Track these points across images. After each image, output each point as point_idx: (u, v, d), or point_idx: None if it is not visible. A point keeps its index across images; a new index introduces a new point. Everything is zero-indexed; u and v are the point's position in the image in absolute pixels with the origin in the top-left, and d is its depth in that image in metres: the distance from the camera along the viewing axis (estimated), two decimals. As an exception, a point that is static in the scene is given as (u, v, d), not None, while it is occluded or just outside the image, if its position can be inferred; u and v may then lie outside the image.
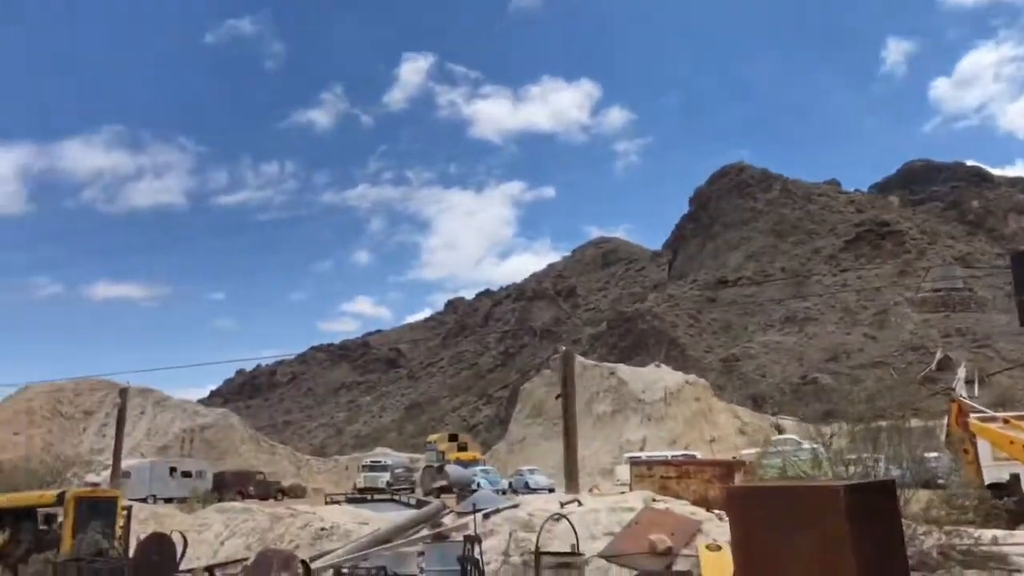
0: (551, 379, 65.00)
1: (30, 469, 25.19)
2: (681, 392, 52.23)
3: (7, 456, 47.56)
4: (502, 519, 14.29)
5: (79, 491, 14.43)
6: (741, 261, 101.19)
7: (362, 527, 19.29)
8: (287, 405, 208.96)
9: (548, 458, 59.10)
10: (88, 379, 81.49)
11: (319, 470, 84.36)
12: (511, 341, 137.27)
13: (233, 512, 21.09)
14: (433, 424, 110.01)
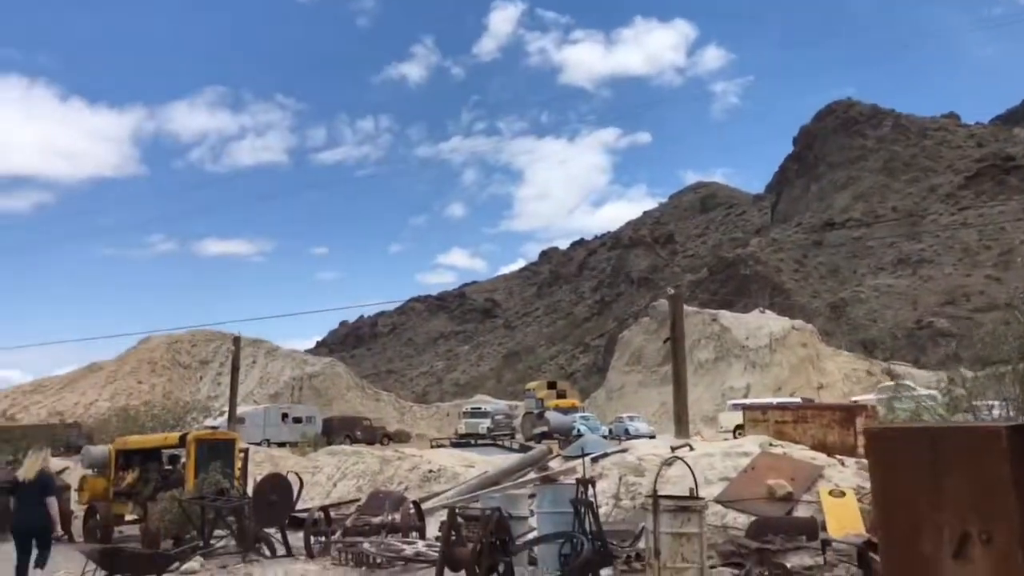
0: (649, 327, 64.18)
1: (154, 414, 26.57)
2: (787, 338, 50.64)
3: (132, 403, 50.61)
4: (611, 463, 14.05)
5: (200, 433, 15.00)
6: (849, 202, 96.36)
7: (468, 470, 19.43)
8: (389, 354, 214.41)
9: (647, 406, 58.71)
10: (203, 330, 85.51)
11: (421, 416, 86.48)
12: (607, 290, 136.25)
13: (344, 455, 21.67)
14: (531, 372, 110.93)
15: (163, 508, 12.80)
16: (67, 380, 76.88)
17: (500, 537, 8.32)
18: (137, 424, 25.06)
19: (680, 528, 8.61)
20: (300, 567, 11.65)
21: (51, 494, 10.18)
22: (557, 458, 16.15)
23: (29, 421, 49.13)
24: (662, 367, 60.71)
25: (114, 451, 16.67)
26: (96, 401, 67.31)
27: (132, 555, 9.33)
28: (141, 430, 24.50)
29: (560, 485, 11.08)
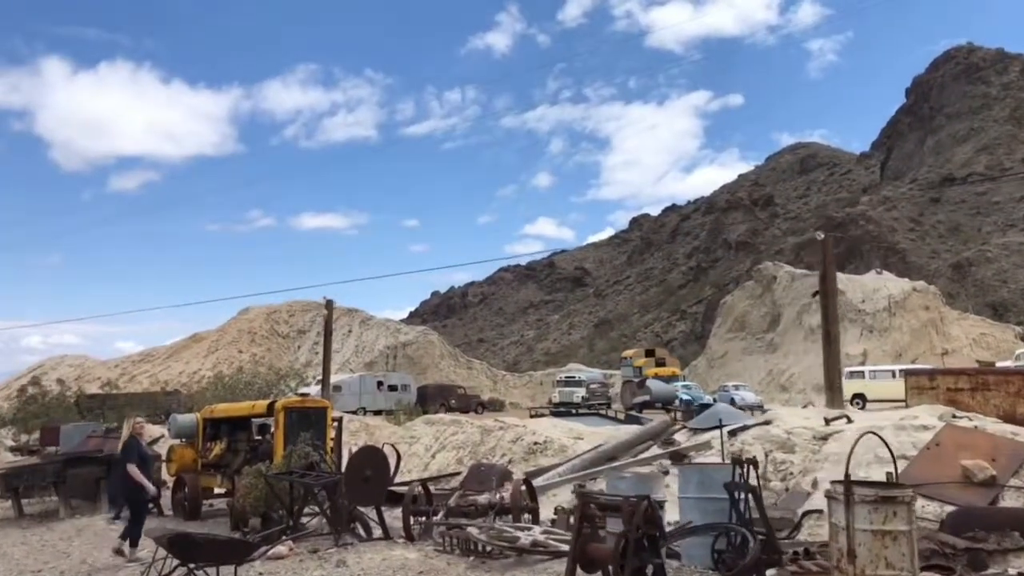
0: (754, 291, 60.93)
1: (247, 381, 26.00)
2: (907, 301, 46.81)
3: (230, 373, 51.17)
4: (752, 438, 12.06)
5: (289, 401, 13.75)
6: (971, 155, 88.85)
7: (576, 442, 17.75)
8: (479, 324, 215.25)
9: (752, 374, 55.77)
10: (300, 300, 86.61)
11: (514, 385, 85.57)
12: (703, 255, 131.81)
13: (442, 425, 20.33)
14: (625, 340, 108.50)
15: (248, 484, 11.52)
16: (172, 350, 79.13)
17: (649, 531, 6.51)
18: (231, 392, 24.35)
19: (883, 525, 6.62)
20: (399, 553, 10.16)
21: (130, 461, 10.67)
22: (682, 431, 14.22)
23: (134, 390, 50.16)
24: (768, 333, 57.56)
25: (201, 420, 15.65)
26: (199, 370, 68.81)
27: (207, 542, 7.95)
28: (235, 398, 23.84)
29: (710, 466, 9.18)
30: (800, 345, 51.23)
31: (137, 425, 11.73)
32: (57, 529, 15.04)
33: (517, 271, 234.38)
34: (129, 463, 10.97)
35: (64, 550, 12.69)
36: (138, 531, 11.01)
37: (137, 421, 11.97)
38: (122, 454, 11.19)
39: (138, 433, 11.59)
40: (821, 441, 11.08)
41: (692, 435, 13.43)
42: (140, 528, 11.02)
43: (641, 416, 29.13)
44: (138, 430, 11.66)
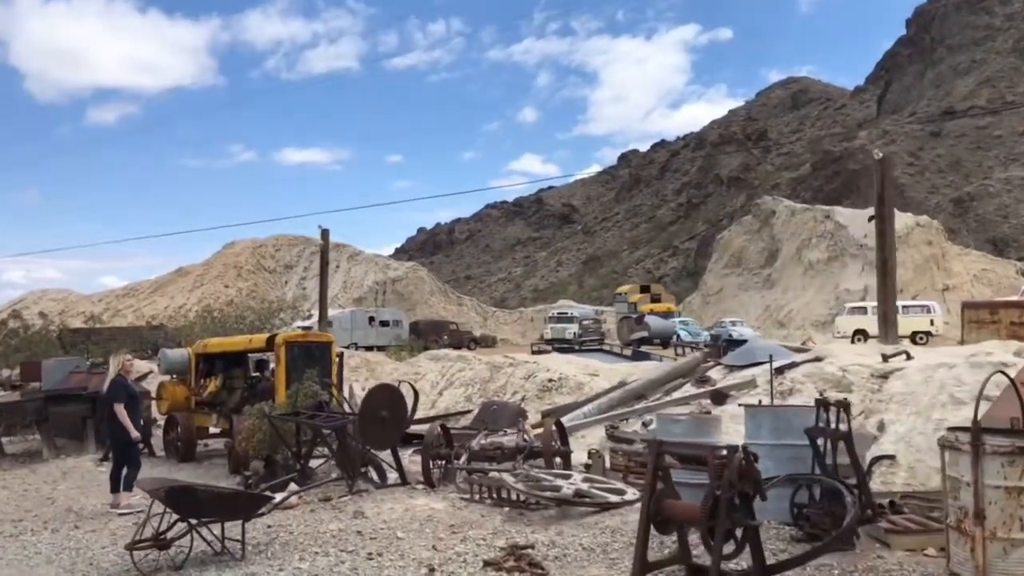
0: (751, 226, 59.85)
1: (238, 315, 24.77)
2: (910, 236, 45.82)
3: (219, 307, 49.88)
4: (803, 376, 11.05)
5: (291, 334, 12.61)
6: (972, 88, 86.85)
7: (592, 379, 16.77)
8: (467, 261, 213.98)
9: (748, 310, 55.04)
10: (286, 234, 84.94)
11: (504, 322, 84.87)
12: (694, 191, 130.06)
13: (448, 361, 19.29)
14: (615, 277, 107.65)
15: (251, 426, 10.42)
16: (156, 285, 77.64)
17: (743, 489, 5.45)
18: (221, 326, 23.15)
19: (1020, 480, 5.58)
20: (422, 502, 9.15)
21: (118, 401, 9.86)
22: (715, 368, 13.20)
23: (119, 325, 48.82)
24: (764, 269, 56.69)
25: (194, 355, 14.49)
26: (184, 305, 67.51)
27: (210, 496, 6.86)
28: (226, 332, 22.70)
29: (786, 409, 8.12)
30: (799, 280, 50.45)
31: (127, 363, 10.70)
32: (40, 471, 13.97)
33: (504, 208, 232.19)
34: (116, 403, 9.92)
35: (48, 495, 11.63)
36: (132, 475, 10.03)
37: (127, 359, 10.94)
38: (109, 393, 10.18)
39: (127, 372, 10.51)
40: (881, 379, 10.10)
41: (728, 372, 12.43)
42: (134, 472, 10.01)
43: (650, 352, 28.27)
44: (127, 368, 10.61)
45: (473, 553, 7.07)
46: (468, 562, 6.82)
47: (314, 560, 7.07)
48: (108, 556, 7.77)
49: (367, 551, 7.29)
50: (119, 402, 9.99)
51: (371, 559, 7.05)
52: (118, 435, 10.12)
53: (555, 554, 6.87)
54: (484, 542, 7.41)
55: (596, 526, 7.52)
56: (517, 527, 7.86)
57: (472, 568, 6.65)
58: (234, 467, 12.20)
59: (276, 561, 7.12)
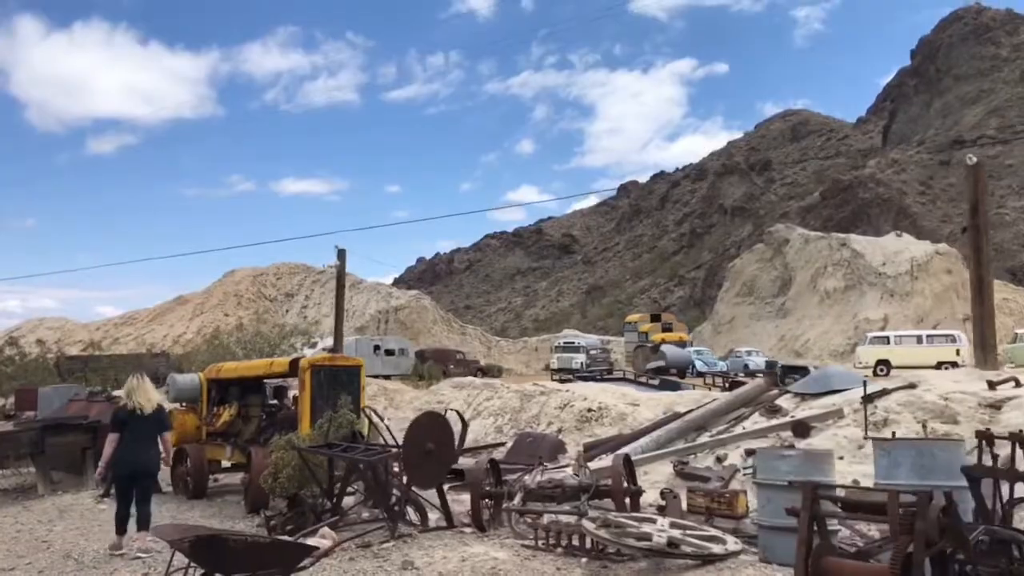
0: (763, 254, 58.88)
1: (246, 341, 23.51)
2: (930, 264, 44.87)
3: (205, 340, 48.55)
4: (898, 405, 9.82)
5: (317, 358, 11.38)
6: (981, 117, 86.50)
7: (634, 409, 15.52)
8: (466, 291, 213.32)
9: (761, 339, 53.89)
10: (287, 263, 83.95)
11: (508, 351, 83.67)
12: (698, 221, 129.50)
13: (473, 389, 18.03)
14: (620, 307, 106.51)
15: (278, 460, 9.16)
16: (155, 313, 76.36)
17: (952, 544, 4.24)
18: (228, 353, 21.88)
19: None
20: (479, 551, 7.88)
21: (169, 428, 9.08)
22: (783, 396, 11.98)
23: (118, 352, 47.42)
24: (778, 298, 55.64)
25: (205, 381, 13.24)
26: (184, 334, 66.23)
27: (244, 547, 5.61)
28: (234, 359, 21.47)
29: (931, 443, 6.88)
30: (815, 310, 49.35)
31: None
32: (35, 509, 12.65)
33: (503, 238, 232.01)
34: (167, 432, 9.00)
35: (43, 537, 10.33)
36: (149, 511, 8.90)
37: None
38: (158, 420, 8.91)
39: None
40: (991, 409, 8.93)
41: (800, 401, 11.22)
42: (150, 508, 8.90)
43: (678, 380, 27.03)
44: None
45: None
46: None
47: (368, 626, 5.82)
48: (116, 617, 6.51)
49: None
50: (167, 430, 9.08)
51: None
52: (157, 465, 9.00)
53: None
54: (571, 603, 6.17)
55: (701, 583, 6.28)
56: (604, 583, 6.61)
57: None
58: (252, 506, 10.93)
59: (323, 627, 5.88)
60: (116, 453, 8.60)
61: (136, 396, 8.64)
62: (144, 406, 8.56)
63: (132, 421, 8.54)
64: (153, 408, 8.65)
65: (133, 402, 8.60)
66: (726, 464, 9.67)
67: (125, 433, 8.58)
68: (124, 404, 8.82)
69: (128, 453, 8.53)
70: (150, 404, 8.62)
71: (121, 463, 8.63)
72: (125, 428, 8.58)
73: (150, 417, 8.60)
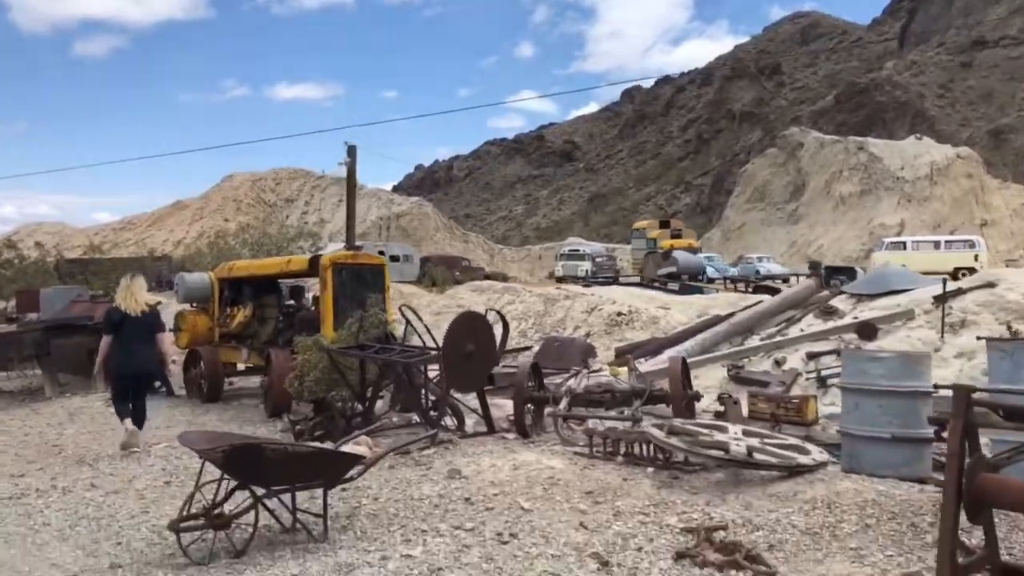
0: (776, 159, 57.47)
1: (252, 242, 22.60)
2: (950, 168, 43.63)
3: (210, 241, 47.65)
4: (976, 305, 9.07)
5: (338, 255, 10.53)
6: (1004, 17, 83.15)
7: (666, 312, 14.83)
8: (466, 199, 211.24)
9: (772, 245, 53.03)
10: (286, 168, 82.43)
11: (512, 259, 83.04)
12: (704, 126, 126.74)
13: (493, 292, 17.31)
14: (624, 215, 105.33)
15: (304, 362, 8.46)
16: (154, 218, 75.33)
17: None
18: (234, 254, 21.05)
19: None
20: (530, 458, 7.23)
21: (163, 329, 9.01)
22: (838, 298, 11.22)
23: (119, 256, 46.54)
24: (790, 203, 54.53)
25: (217, 280, 12.46)
26: (184, 239, 65.39)
27: (284, 458, 4.92)
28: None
29: None
30: (828, 216, 48.39)
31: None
32: (44, 412, 12.09)
33: (503, 145, 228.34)
34: (162, 332, 9.01)
35: (54, 442, 9.75)
36: (144, 409, 9.02)
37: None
38: (152, 321, 8.97)
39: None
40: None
41: (857, 303, 10.48)
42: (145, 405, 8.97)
43: (700, 285, 26.35)
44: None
45: (644, 535, 5.18)
46: (646, 550, 4.93)
47: (426, 544, 5.16)
48: (140, 531, 5.86)
49: (493, 529, 5.38)
50: (162, 330, 9.05)
51: (504, 543, 5.14)
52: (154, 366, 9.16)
53: (764, 539, 4.98)
54: (648, 518, 5.51)
55: (795, 498, 5.61)
56: (679, 496, 5.96)
57: (659, 559, 4.76)
58: (273, 410, 10.33)
59: (372, 544, 5.22)
60: (111, 355, 8.61)
61: (124, 298, 8.59)
62: (133, 308, 8.48)
63: (125, 322, 8.47)
64: (142, 310, 8.56)
65: (125, 303, 8.56)
66: (786, 368, 8.98)
67: (119, 335, 8.51)
68: (117, 305, 8.73)
69: (123, 355, 8.51)
70: (138, 306, 8.52)
71: (116, 365, 8.63)
72: (119, 330, 8.51)
73: (142, 318, 8.54)
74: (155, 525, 5.97)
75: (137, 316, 8.51)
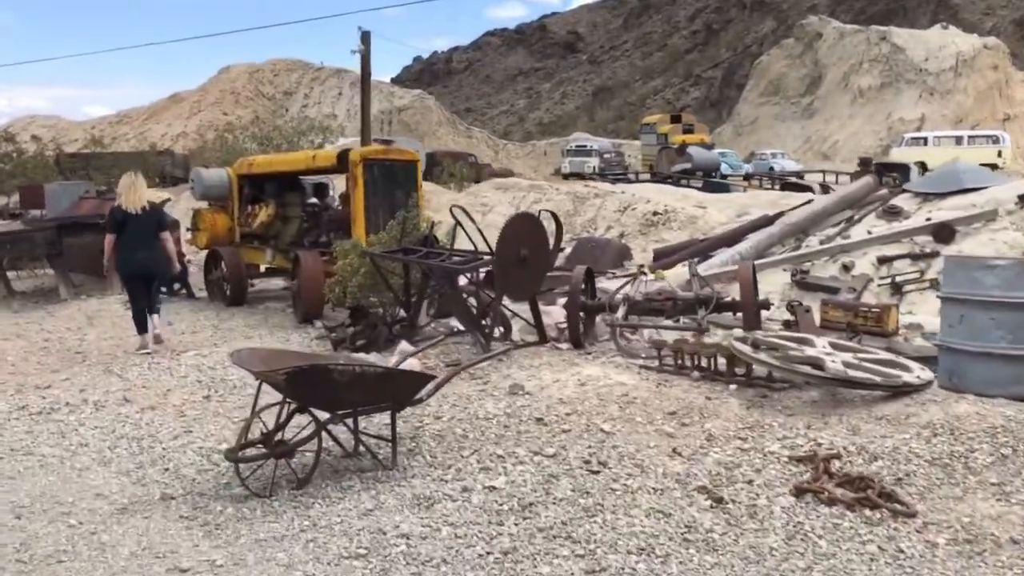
0: (792, 50, 55.35)
1: (262, 136, 21.62)
2: (976, 59, 41.89)
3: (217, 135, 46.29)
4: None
5: (369, 151, 9.74)
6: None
7: (703, 212, 14.17)
8: (466, 92, 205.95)
9: (785, 141, 51.68)
10: (284, 59, 79.80)
11: (516, 155, 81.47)
12: (713, 16, 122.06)
13: (519, 190, 16.53)
14: (631, 109, 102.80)
15: (344, 266, 7.86)
16: (150, 112, 73.19)
17: None
18: (243, 149, 20.15)
19: None
20: (594, 372, 6.73)
21: (166, 228, 8.81)
22: (901, 196, 10.53)
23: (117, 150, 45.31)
24: (805, 97, 52.82)
25: (236, 177, 11.73)
26: (182, 132, 63.74)
27: (352, 380, 4.39)
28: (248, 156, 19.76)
29: None
30: (845, 109, 46.89)
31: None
32: (60, 315, 11.60)
33: (505, 36, 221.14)
34: (165, 231, 8.77)
35: (76, 348, 9.27)
36: (159, 302, 9.14)
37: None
38: (157, 220, 8.82)
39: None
40: None
41: (923, 201, 9.81)
42: (138, 310, 8.68)
43: (725, 182, 25.54)
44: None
45: (749, 464, 4.70)
46: (757, 483, 4.45)
47: (508, 473, 4.69)
48: (187, 454, 5.39)
49: (577, 456, 4.90)
50: (165, 230, 8.83)
51: (595, 472, 4.67)
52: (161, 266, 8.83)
53: (888, 471, 4.49)
54: (746, 444, 5.03)
55: (908, 422, 5.11)
56: (774, 418, 5.47)
57: (777, 495, 4.29)
58: (304, 316, 9.80)
59: (447, 471, 4.75)
60: (117, 254, 8.46)
61: (127, 196, 8.41)
62: (135, 206, 8.32)
63: (128, 222, 8.30)
64: (143, 207, 8.41)
65: (128, 202, 8.39)
66: (855, 274, 8.40)
67: (124, 234, 8.35)
68: (119, 204, 8.52)
69: (128, 253, 8.38)
70: (137, 205, 8.35)
71: (122, 264, 8.52)
72: (123, 229, 8.35)
73: (144, 217, 8.36)
74: (202, 447, 5.51)
75: (139, 215, 8.32)
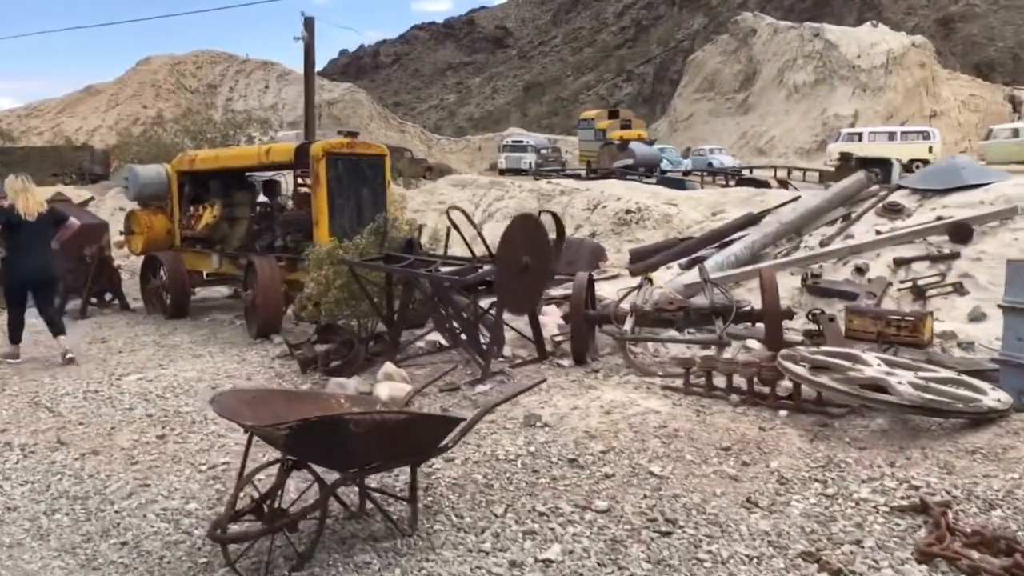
0: (727, 46, 55.73)
1: (195, 130, 20.08)
2: (905, 57, 42.76)
3: (141, 128, 43.87)
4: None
5: (332, 144, 8.66)
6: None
7: (672, 209, 13.53)
8: (395, 86, 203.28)
9: (721, 136, 51.99)
10: (207, 51, 76.81)
11: (450, 150, 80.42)
12: (643, 12, 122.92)
13: (478, 188, 15.60)
14: (564, 104, 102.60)
15: (318, 278, 6.84)
16: (64, 104, 69.28)
17: None
18: (175, 144, 18.66)
19: None
20: (620, 397, 5.92)
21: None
22: (897, 193, 10.03)
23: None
24: (740, 93, 53.22)
25: (175, 174, 10.51)
26: (99, 127, 60.57)
27: (370, 429, 3.44)
28: (169, 153, 18.29)
29: None
30: (780, 105, 47.37)
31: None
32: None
33: (432, 29, 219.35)
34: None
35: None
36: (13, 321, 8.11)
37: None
38: (55, 224, 8.32)
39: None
40: None
41: (922, 198, 9.32)
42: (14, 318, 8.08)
43: (682, 179, 25.12)
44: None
45: (845, 517, 3.94)
46: (867, 545, 3.68)
47: (560, 538, 3.82)
48: (147, 519, 4.35)
49: (636, 510, 4.07)
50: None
51: (664, 533, 3.84)
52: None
53: (1016, 521, 3.79)
54: (828, 489, 4.28)
55: (1008, 456, 4.44)
56: (846, 453, 4.74)
57: (898, 561, 3.53)
58: (260, 331, 8.72)
59: (484, 539, 3.85)
60: (8, 259, 7.91)
61: (22, 200, 7.75)
62: (31, 211, 7.73)
63: (22, 226, 7.71)
64: (39, 212, 7.81)
65: (16, 204, 7.76)
66: (872, 277, 7.80)
67: (15, 238, 7.77)
68: (11, 205, 7.83)
69: (19, 259, 7.79)
70: (34, 212, 7.76)
71: (12, 270, 7.93)
72: (15, 232, 7.76)
73: (39, 223, 7.80)
74: (165, 509, 4.47)
75: (33, 220, 7.74)
